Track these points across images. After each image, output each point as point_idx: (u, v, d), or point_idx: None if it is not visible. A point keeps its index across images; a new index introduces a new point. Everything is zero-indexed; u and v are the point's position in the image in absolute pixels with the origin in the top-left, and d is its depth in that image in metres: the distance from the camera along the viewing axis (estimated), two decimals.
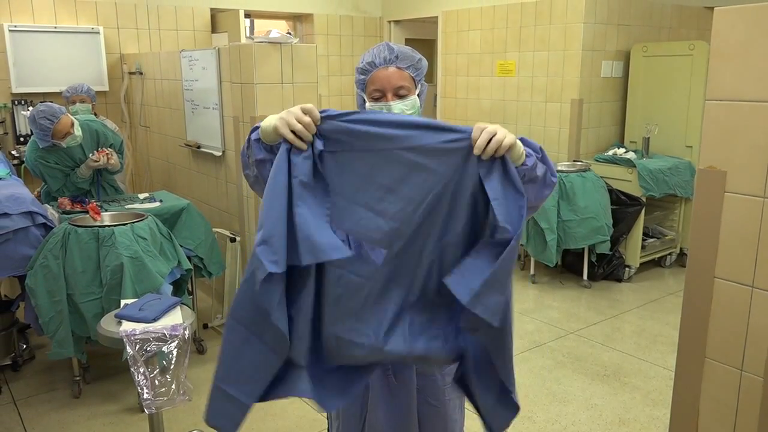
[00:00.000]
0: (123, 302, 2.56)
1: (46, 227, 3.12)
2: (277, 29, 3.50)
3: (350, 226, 1.37)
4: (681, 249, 5.16)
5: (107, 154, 3.62)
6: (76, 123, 3.57)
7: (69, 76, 5.04)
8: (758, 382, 1.50)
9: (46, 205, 3.48)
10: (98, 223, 3.05)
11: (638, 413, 3.00)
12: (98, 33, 5.24)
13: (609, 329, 3.99)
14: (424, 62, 1.76)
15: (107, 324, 2.35)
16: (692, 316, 1.60)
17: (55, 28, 5.07)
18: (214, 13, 5.96)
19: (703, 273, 1.55)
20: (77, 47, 5.19)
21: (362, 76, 1.74)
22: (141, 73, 5.19)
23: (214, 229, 3.80)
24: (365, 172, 1.35)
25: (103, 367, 3.45)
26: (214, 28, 5.98)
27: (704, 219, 1.54)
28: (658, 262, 5.17)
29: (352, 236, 1.50)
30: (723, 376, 1.56)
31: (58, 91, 4.85)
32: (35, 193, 3.90)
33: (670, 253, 5.15)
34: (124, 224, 3.00)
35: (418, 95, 1.75)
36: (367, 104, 1.73)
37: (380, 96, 1.70)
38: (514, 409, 1.40)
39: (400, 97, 1.70)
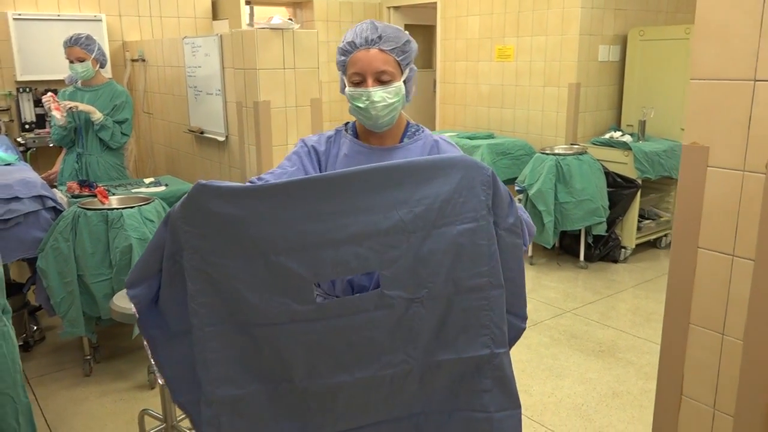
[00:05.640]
0: None
1: (56, 210, 3.20)
2: (278, 15, 3.56)
3: (329, 270, 1.32)
4: None
5: (56, 102, 3.77)
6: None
7: None
8: (738, 344, 1.59)
9: (55, 189, 3.56)
10: (107, 206, 3.14)
11: (631, 386, 3.10)
12: (101, 20, 5.29)
13: (604, 308, 4.09)
14: (413, 45, 1.61)
15: (120, 300, 2.44)
16: (677, 285, 1.69)
17: (59, 15, 5.13)
18: (215, 0, 6.01)
19: (687, 244, 1.64)
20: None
21: (342, 57, 1.60)
22: (144, 60, 5.25)
23: None
24: (304, 211, 1.29)
25: (112, 347, 3.55)
26: (215, 15, 6.03)
27: (688, 192, 1.62)
28: (653, 243, 5.26)
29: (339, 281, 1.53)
30: (706, 341, 1.66)
31: (62, 78, 4.91)
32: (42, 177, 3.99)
33: (665, 235, 5.24)
34: (132, 207, 3.08)
35: (405, 81, 1.61)
36: (347, 89, 1.61)
37: (360, 81, 1.57)
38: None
39: (382, 83, 1.56)
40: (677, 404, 1.75)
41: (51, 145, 5.10)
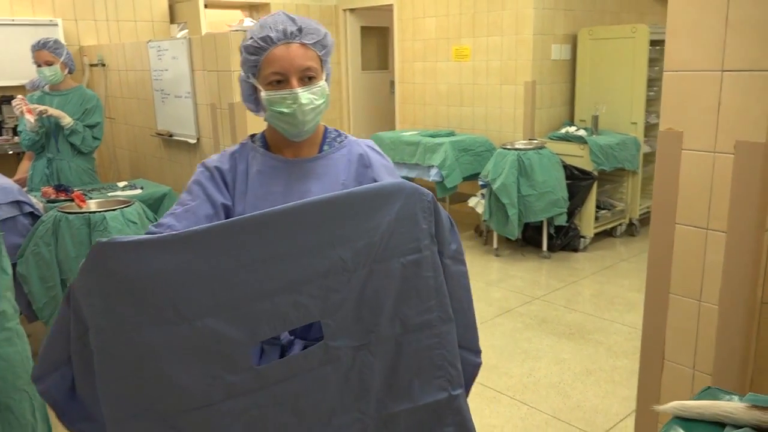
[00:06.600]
0: None
1: (33, 216, 3.17)
2: (250, 18, 3.62)
3: (266, 327, 1.12)
4: (630, 219, 5.54)
5: (27, 107, 3.73)
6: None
7: (28, 69, 4.99)
8: (714, 309, 1.77)
9: (30, 194, 3.52)
10: (87, 210, 3.13)
11: (602, 364, 3.30)
12: (57, 25, 5.20)
13: (570, 294, 4.30)
14: (331, 38, 1.44)
15: None
16: (657, 259, 1.86)
17: (13, 20, 5.02)
18: (172, 4, 5.98)
19: (665, 220, 1.81)
20: (36, 40, 5.16)
21: (254, 57, 1.37)
22: (103, 65, 5.19)
23: None
24: (227, 267, 1.09)
25: None
26: (172, 19, 6.00)
27: (665, 173, 1.79)
28: (609, 233, 5.53)
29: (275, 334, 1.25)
30: (684, 307, 1.83)
31: (18, 84, 4.82)
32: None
33: (620, 224, 5.52)
34: (114, 209, 3.08)
35: (325, 80, 1.44)
36: (263, 93, 1.39)
37: (281, 80, 1.37)
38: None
39: (307, 81, 1.38)
40: (660, 368, 1.92)
41: (10, 152, 4.99)
